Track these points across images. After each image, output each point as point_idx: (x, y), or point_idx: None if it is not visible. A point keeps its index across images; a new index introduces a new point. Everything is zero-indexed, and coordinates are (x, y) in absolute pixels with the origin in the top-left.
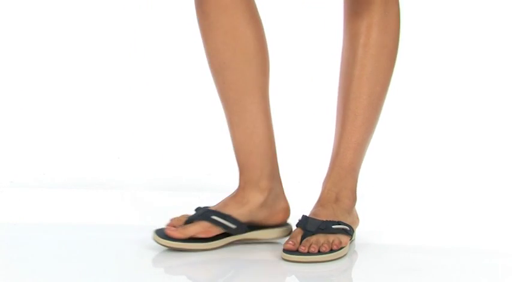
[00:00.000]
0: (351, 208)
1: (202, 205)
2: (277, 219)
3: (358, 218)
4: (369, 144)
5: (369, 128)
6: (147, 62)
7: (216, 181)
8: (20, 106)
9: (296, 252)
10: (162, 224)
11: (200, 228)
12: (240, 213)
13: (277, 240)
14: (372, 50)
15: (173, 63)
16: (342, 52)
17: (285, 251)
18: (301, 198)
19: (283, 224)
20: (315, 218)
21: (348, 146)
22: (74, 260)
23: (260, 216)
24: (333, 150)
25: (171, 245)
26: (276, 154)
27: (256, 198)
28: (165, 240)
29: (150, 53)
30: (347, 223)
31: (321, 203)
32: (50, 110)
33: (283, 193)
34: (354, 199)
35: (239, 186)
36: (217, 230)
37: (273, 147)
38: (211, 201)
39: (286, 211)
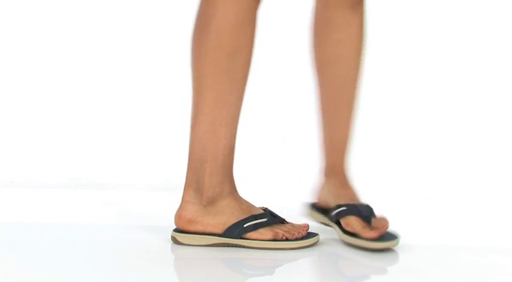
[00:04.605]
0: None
1: None
2: None
3: None
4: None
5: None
6: (147, 62)
7: None
8: (19, 106)
9: (380, 239)
10: (161, 224)
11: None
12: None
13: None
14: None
15: (173, 64)
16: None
17: (373, 240)
18: (301, 198)
19: None
20: (357, 203)
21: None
22: (73, 260)
23: None
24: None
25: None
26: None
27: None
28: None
29: (150, 54)
30: None
31: (341, 185)
32: (50, 110)
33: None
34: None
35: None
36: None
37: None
38: None
39: None
